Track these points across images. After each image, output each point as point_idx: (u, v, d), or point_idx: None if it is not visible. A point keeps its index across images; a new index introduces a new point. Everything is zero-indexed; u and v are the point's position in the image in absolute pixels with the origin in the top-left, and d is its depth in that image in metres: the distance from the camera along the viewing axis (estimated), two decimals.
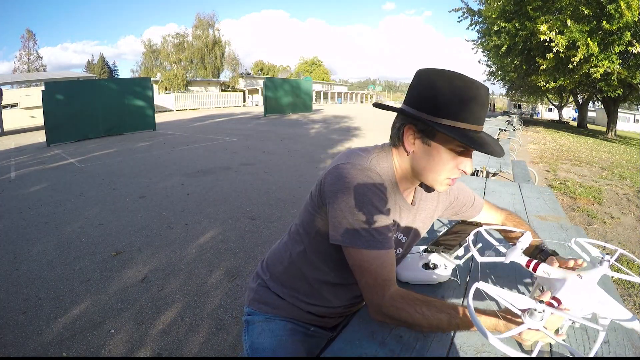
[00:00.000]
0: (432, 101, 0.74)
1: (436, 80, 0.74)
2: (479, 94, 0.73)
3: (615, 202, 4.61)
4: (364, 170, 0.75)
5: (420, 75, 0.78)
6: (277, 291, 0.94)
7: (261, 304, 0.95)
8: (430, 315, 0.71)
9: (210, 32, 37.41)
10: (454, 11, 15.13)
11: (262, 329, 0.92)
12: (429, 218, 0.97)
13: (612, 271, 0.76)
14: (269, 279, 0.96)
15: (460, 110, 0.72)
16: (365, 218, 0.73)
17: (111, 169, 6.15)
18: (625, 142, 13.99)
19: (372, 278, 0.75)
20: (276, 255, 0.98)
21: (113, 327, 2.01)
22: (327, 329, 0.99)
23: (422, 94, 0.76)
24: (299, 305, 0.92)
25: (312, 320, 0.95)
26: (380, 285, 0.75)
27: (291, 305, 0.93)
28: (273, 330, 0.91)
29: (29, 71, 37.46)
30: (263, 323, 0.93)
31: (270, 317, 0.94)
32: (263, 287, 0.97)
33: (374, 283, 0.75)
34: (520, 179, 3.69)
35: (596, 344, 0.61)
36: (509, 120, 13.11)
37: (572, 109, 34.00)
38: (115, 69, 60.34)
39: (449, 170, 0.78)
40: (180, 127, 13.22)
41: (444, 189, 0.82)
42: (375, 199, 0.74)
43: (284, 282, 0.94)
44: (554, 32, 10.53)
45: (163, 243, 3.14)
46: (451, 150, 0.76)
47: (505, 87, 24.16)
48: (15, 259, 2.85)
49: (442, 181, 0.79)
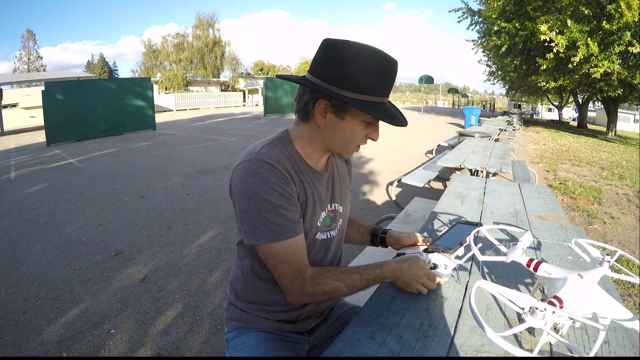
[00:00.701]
0: (342, 74, 0.73)
1: (346, 53, 0.73)
2: (391, 68, 0.76)
3: (615, 202, 4.61)
4: (251, 167, 0.76)
5: (328, 45, 0.76)
6: (243, 307, 0.95)
7: (233, 320, 0.96)
8: (346, 279, 0.81)
9: (210, 32, 37.48)
10: (454, 11, 15.15)
11: (237, 343, 0.93)
12: (347, 182, 1.02)
13: (612, 272, 0.76)
14: (234, 297, 0.97)
15: (373, 85, 0.74)
16: (260, 214, 0.75)
17: (111, 169, 6.15)
18: (625, 142, 13.98)
19: (287, 267, 0.78)
20: (234, 275, 0.99)
21: (113, 327, 2.01)
22: (305, 333, 0.98)
23: (331, 65, 0.74)
24: (267, 316, 0.93)
25: (285, 327, 0.94)
26: (298, 271, 0.79)
27: (259, 317, 0.93)
28: (245, 342, 0.92)
29: (29, 71, 37.47)
30: (237, 338, 0.94)
31: (243, 330, 0.94)
32: (232, 306, 0.98)
33: (290, 271, 0.79)
34: (520, 179, 3.70)
35: (596, 343, 0.61)
36: (509, 120, 13.09)
37: (572, 109, 33.99)
38: (115, 69, 60.36)
39: (359, 140, 0.82)
40: (180, 127, 13.22)
41: (351, 155, 0.88)
42: (265, 193, 0.75)
43: (247, 297, 0.94)
44: (554, 32, 10.54)
45: (163, 243, 3.14)
46: (362, 122, 0.79)
47: (505, 87, 24.15)
48: (15, 259, 2.85)
49: (351, 149, 0.84)
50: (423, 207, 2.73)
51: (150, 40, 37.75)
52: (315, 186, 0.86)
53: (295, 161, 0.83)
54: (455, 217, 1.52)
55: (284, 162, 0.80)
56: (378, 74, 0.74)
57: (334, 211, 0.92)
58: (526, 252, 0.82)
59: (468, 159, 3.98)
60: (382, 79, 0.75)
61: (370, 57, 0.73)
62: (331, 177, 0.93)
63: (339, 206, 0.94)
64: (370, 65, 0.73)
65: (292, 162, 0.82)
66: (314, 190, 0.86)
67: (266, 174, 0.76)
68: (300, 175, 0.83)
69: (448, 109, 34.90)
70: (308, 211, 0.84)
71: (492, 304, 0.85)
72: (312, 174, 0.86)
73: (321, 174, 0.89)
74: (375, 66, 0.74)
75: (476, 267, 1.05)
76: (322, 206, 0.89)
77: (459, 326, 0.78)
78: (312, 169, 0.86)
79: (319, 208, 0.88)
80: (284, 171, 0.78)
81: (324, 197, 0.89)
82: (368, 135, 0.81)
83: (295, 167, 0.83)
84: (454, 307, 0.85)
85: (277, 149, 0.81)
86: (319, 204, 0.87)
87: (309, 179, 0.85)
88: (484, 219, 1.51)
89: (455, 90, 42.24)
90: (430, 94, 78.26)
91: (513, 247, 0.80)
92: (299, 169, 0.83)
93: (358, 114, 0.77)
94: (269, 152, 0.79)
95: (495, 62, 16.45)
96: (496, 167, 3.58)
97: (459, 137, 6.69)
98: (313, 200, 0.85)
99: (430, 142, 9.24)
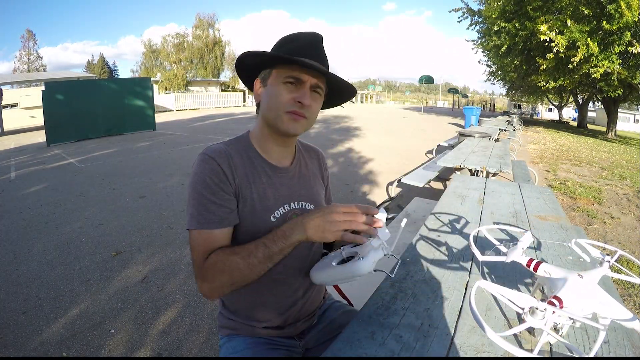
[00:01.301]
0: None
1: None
2: (298, 34, 0.83)
3: (615, 202, 4.61)
4: (196, 160, 0.82)
5: None
6: (229, 316, 0.96)
7: (223, 328, 0.98)
8: (240, 251, 0.74)
9: (211, 32, 37.42)
10: (454, 11, 15.15)
11: (227, 348, 0.94)
12: (319, 181, 1.00)
13: (612, 272, 0.76)
14: (222, 306, 0.99)
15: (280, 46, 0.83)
16: (189, 201, 0.80)
17: (111, 169, 6.15)
18: (625, 142, 13.98)
19: (195, 255, 0.79)
20: None
21: (113, 327, 2.02)
22: (295, 337, 0.98)
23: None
24: (252, 324, 0.93)
25: (273, 333, 0.95)
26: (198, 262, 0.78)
27: (245, 325, 0.93)
28: (235, 347, 0.93)
29: (29, 71, 37.47)
30: (227, 343, 0.95)
31: (232, 336, 0.96)
32: (220, 314, 0.99)
33: (195, 258, 0.79)
34: (520, 179, 3.70)
35: (596, 343, 0.61)
36: (509, 120, 13.09)
37: (572, 109, 33.98)
38: (115, 69, 60.35)
39: (286, 103, 0.80)
40: (180, 127, 13.22)
41: (290, 126, 0.82)
42: (196, 183, 0.79)
43: (231, 307, 0.95)
44: (554, 32, 10.53)
45: (163, 243, 3.14)
46: (285, 84, 0.80)
47: (505, 87, 24.14)
48: (15, 259, 2.85)
49: (283, 117, 0.81)
50: (423, 207, 2.73)
51: (150, 40, 37.73)
52: (271, 181, 0.87)
53: (250, 157, 0.86)
54: (455, 217, 1.53)
55: (229, 157, 0.82)
56: (287, 39, 0.84)
57: (301, 209, 0.90)
58: (526, 252, 0.82)
59: (468, 159, 3.98)
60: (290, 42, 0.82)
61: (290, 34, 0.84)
62: (297, 175, 0.93)
63: (309, 205, 0.92)
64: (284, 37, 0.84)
65: (243, 157, 0.85)
66: (266, 185, 0.86)
67: (202, 165, 0.80)
68: (247, 170, 0.84)
69: (448, 109, 34.89)
70: (256, 206, 0.84)
71: (492, 304, 0.86)
72: (270, 169, 0.87)
73: (282, 170, 0.89)
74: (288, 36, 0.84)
75: (476, 267, 1.05)
76: (279, 202, 0.87)
77: (459, 326, 0.78)
78: (270, 164, 0.88)
79: (275, 203, 0.86)
80: (222, 164, 0.80)
81: (283, 194, 0.88)
82: (296, 98, 0.79)
83: (247, 162, 0.85)
84: (454, 307, 0.86)
85: (230, 145, 0.85)
86: (273, 199, 0.86)
87: (264, 174, 0.86)
88: (484, 219, 1.51)
89: (455, 90, 42.22)
90: (430, 94, 78.28)
91: (513, 247, 0.80)
92: (252, 164, 0.85)
93: (276, 75, 0.81)
94: (217, 147, 0.83)
95: (495, 62, 16.44)
96: (496, 167, 3.58)
97: (459, 137, 6.69)
98: (264, 195, 0.85)
99: (430, 142, 9.24)
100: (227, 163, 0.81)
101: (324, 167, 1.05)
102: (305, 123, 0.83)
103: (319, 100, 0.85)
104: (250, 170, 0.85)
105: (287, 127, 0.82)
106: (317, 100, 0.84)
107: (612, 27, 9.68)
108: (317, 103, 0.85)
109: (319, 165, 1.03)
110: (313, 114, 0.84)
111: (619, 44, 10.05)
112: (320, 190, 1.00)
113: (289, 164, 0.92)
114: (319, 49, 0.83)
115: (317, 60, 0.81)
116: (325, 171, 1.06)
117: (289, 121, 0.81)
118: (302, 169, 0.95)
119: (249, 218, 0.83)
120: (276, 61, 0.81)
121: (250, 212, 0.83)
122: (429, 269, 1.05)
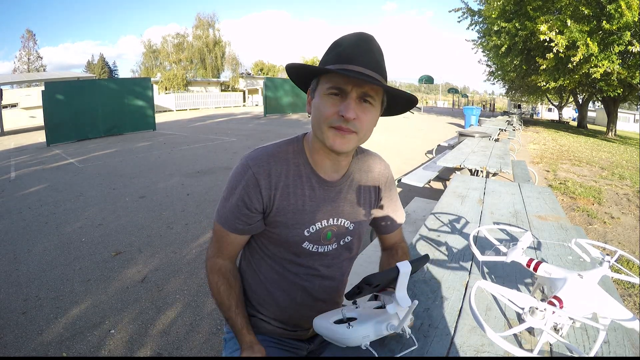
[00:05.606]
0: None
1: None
2: (343, 38, 0.75)
3: (615, 202, 4.61)
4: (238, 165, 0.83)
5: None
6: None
7: None
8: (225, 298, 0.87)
9: (211, 32, 37.41)
10: (454, 11, 15.15)
11: (233, 343, 0.92)
12: (370, 196, 0.91)
13: (612, 272, 0.76)
14: None
15: (327, 54, 0.76)
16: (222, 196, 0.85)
17: (111, 169, 6.15)
18: (625, 142, 13.98)
19: (212, 241, 0.89)
20: None
21: (113, 327, 2.01)
22: (304, 340, 0.97)
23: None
24: (261, 317, 0.93)
25: (284, 334, 0.94)
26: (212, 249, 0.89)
27: (253, 318, 0.93)
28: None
29: (29, 71, 37.46)
30: (233, 338, 0.92)
31: None
32: None
33: (211, 245, 0.89)
34: (520, 179, 3.69)
35: (596, 343, 0.61)
36: (509, 120, 13.11)
37: (572, 109, 33.97)
38: (115, 69, 60.32)
39: (330, 117, 0.72)
40: (180, 127, 13.22)
41: (336, 143, 0.73)
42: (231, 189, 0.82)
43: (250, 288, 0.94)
44: (554, 32, 10.54)
45: (163, 243, 3.14)
46: (329, 95, 0.72)
47: (505, 87, 24.17)
48: (15, 259, 2.85)
49: (327, 133, 0.73)
50: (423, 207, 2.73)
51: (150, 41, 37.69)
52: (314, 194, 0.82)
53: (298, 165, 0.81)
54: (455, 217, 1.53)
55: (270, 167, 0.80)
56: (333, 44, 0.76)
57: (338, 226, 0.85)
58: (526, 252, 0.82)
59: (468, 159, 3.98)
60: (334, 48, 0.75)
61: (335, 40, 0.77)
62: (344, 190, 0.86)
63: (349, 223, 0.87)
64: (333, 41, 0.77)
65: (290, 165, 0.81)
66: (307, 199, 0.81)
67: (240, 172, 0.81)
68: (290, 180, 0.80)
69: (448, 109, 34.88)
70: (289, 219, 0.81)
71: (492, 304, 0.86)
72: (317, 182, 0.82)
73: (328, 183, 0.83)
74: (335, 40, 0.77)
75: (476, 267, 1.05)
76: (317, 216, 0.83)
77: (459, 326, 0.78)
78: (318, 175, 0.83)
79: (311, 218, 0.82)
80: (259, 175, 0.79)
81: (324, 208, 0.83)
82: (339, 111, 0.71)
83: (293, 171, 0.81)
84: (454, 307, 0.86)
85: (278, 148, 0.83)
86: (311, 213, 0.82)
87: (308, 185, 0.82)
88: (484, 219, 1.51)
89: (455, 90, 42.24)
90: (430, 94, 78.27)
91: (513, 247, 0.80)
92: (299, 173, 0.81)
93: (321, 86, 0.74)
94: (260, 153, 0.82)
95: (495, 62, 16.44)
96: (496, 167, 3.58)
97: (459, 137, 6.70)
98: (302, 208, 0.81)
99: (430, 142, 9.24)
100: (266, 173, 0.78)
101: (383, 180, 0.93)
102: (354, 138, 0.74)
103: (372, 111, 0.75)
104: (294, 180, 0.81)
105: (333, 144, 0.73)
106: (368, 111, 0.74)
107: (612, 27, 9.69)
108: (368, 114, 0.74)
109: (378, 177, 0.92)
110: (364, 127, 0.74)
111: (619, 43, 10.05)
112: (367, 208, 0.91)
113: (338, 177, 0.85)
114: (368, 51, 0.72)
115: (365, 65, 0.71)
116: (384, 185, 0.94)
117: (334, 137, 0.73)
118: (352, 184, 0.87)
119: (281, 228, 0.82)
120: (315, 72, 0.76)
121: (283, 223, 0.81)
122: (428, 269, 1.05)
